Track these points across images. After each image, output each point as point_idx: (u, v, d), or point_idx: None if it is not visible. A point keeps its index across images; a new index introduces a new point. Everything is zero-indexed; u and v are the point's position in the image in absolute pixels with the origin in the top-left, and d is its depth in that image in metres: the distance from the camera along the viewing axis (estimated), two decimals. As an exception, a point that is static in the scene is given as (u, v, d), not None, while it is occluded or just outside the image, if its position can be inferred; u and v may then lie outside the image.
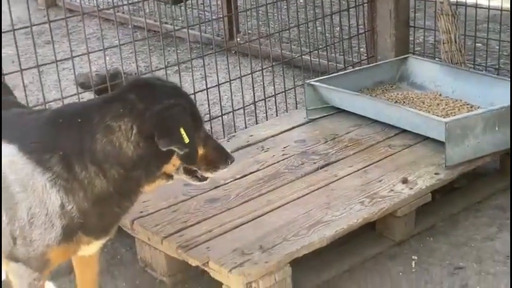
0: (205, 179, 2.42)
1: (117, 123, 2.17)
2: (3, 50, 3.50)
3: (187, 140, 2.18)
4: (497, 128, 3.37)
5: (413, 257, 3.11)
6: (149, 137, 2.18)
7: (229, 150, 2.48)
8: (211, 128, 4.02)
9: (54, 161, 2.18)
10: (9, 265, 2.29)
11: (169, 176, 2.34)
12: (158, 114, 2.18)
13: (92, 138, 2.17)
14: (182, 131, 2.17)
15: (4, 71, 3.22)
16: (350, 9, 4.80)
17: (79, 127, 2.20)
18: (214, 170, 2.39)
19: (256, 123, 4.19)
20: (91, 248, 2.37)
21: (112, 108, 2.19)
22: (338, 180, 3.28)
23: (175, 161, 2.28)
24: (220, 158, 2.39)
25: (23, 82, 3.37)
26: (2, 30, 3.48)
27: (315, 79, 3.99)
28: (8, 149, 2.22)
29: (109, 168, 2.19)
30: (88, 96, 3.94)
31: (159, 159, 2.25)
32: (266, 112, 4.40)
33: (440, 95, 3.99)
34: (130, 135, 2.17)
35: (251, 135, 3.80)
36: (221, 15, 5.79)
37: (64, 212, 2.19)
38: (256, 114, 4.28)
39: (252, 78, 4.26)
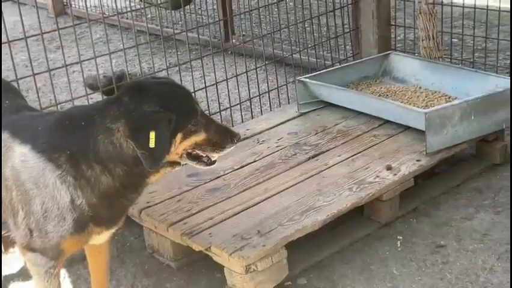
0: (213, 162, 2.33)
1: (116, 125, 2.16)
2: (17, 56, 3.49)
3: (152, 145, 2.11)
4: (472, 117, 3.38)
5: (398, 237, 3.12)
6: None
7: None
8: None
9: (63, 159, 2.18)
10: (27, 255, 2.30)
11: (175, 163, 2.29)
12: (138, 116, 2.14)
13: (95, 140, 2.17)
14: (152, 135, 2.10)
15: (18, 75, 3.21)
16: (336, 10, 4.78)
17: (83, 129, 2.19)
18: (220, 150, 2.30)
19: (252, 118, 4.17)
20: (101, 238, 2.37)
21: (110, 111, 2.18)
22: (328, 168, 3.29)
23: (178, 149, 2.23)
24: (225, 138, 2.30)
25: (36, 85, 3.36)
26: (16, 38, 3.48)
27: (305, 76, 3.99)
28: (21, 149, 2.22)
29: (113, 166, 2.18)
30: (97, 96, 3.94)
31: None
32: (261, 107, 4.39)
33: (420, 87, 3.99)
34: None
35: (247, 129, 3.79)
36: (217, 19, 5.77)
37: (74, 207, 2.19)
38: (251, 110, 4.28)
39: (247, 76, 4.25)
